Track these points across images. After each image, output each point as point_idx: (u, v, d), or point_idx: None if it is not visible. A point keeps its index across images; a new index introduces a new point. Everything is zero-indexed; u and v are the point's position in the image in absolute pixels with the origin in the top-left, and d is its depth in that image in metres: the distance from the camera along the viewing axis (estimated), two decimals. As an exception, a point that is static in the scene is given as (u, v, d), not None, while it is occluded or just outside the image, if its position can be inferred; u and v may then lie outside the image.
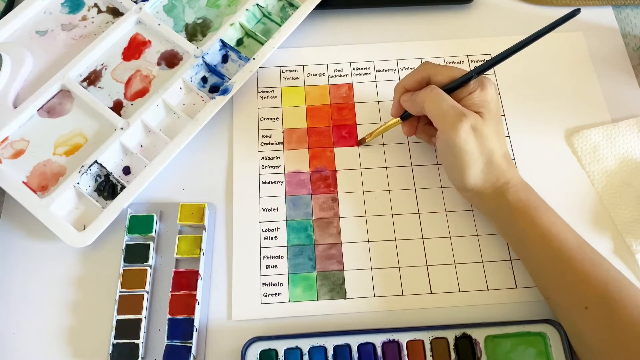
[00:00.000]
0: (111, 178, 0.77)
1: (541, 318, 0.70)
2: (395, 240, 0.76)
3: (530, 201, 0.69)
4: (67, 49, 0.86)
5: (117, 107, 0.82)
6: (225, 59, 0.86)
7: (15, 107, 0.80)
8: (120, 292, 0.71)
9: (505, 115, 0.83)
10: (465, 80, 0.68)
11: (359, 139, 0.82)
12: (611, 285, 0.63)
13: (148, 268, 0.72)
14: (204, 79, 0.85)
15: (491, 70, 0.86)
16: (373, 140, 0.82)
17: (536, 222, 0.68)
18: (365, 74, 0.87)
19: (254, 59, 0.83)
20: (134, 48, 0.86)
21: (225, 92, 0.81)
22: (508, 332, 0.69)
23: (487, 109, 0.68)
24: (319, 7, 0.88)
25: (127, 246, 0.73)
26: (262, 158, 0.81)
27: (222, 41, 0.85)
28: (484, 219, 0.77)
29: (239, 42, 0.88)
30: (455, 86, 0.68)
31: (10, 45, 0.85)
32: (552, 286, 0.68)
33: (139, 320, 0.69)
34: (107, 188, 0.77)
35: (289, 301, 0.73)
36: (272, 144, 0.82)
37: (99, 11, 0.89)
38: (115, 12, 0.88)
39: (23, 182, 0.77)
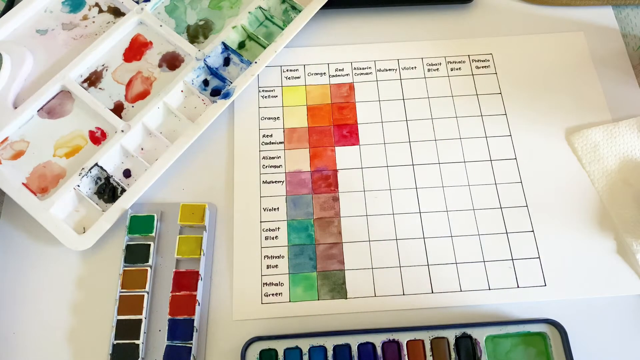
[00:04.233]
0: (111, 181, 0.77)
1: (542, 318, 0.70)
2: (397, 239, 0.76)
3: None
4: (67, 48, 0.86)
5: (118, 109, 0.82)
6: (226, 62, 0.86)
7: (15, 108, 0.80)
8: (121, 292, 0.70)
9: (506, 115, 0.84)
10: None
11: None
12: None
13: (148, 268, 0.72)
14: (206, 82, 0.84)
15: (492, 70, 0.87)
16: (374, 139, 0.82)
17: None
18: (367, 74, 0.87)
19: (255, 62, 0.83)
20: (135, 49, 0.86)
21: (226, 96, 0.81)
22: (508, 332, 0.69)
23: None
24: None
25: (128, 246, 0.73)
26: (263, 157, 0.81)
27: (224, 44, 0.85)
28: (486, 219, 0.77)
29: (241, 45, 0.88)
30: None
31: (10, 44, 0.85)
32: None
33: (139, 321, 0.69)
34: (108, 191, 0.77)
35: (290, 301, 0.73)
36: (272, 143, 0.82)
37: (100, 11, 0.89)
38: (117, 12, 0.88)
39: (23, 183, 0.76)
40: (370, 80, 0.86)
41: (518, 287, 0.73)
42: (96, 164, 0.76)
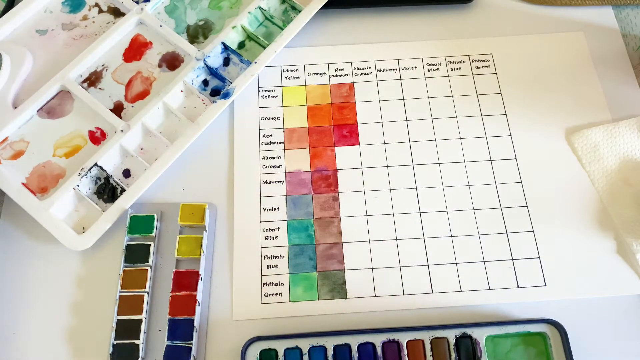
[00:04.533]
0: (111, 181, 0.77)
1: (542, 318, 0.70)
2: (397, 239, 0.76)
3: None
4: (67, 48, 0.86)
5: (118, 109, 0.82)
6: (226, 62, 0.86)
7: (15, 108, 0.80)
8: (121, 292, 0.70)
9: (506, 115, 0.84)
10: None
11: None
12: None
13: (148, 268, 0.72)
14: (205, 82, 0.84)
15: (492, 69, 0.87)
16: (374, 139, 0.82)
17: None
18: (367, 74, 0.87)
19: (255, 62, 0.83)
20: (135, 49, 0.86)
21: (226, 96, 0.81)
22: (508, 332, 0.69)
23: None
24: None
25: (128, 246, 0.73)
26: (263, 157, 0.81)
27: (223, 44, 0.84)
28: (486, 219, 0.77)
29: (241, 45, 0.88)
30: None
31: (10, 44, 0.85)
32: None
33: (139, 321, 0.69)
34: (107, 191, 0.77)
35: (290, 301, 0.73)
36: (272, 143, 0.82)
37: (100, 11, 0.89)
38: (117, 12, 0.88)
39: (22, 183, 0.76)
40: (370, 80, 0.86)
41: (518, 287, 0.73)
42: (96, 164, 0.76)
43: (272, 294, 0.73)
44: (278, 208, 0.78)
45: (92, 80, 0.83)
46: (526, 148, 0.81)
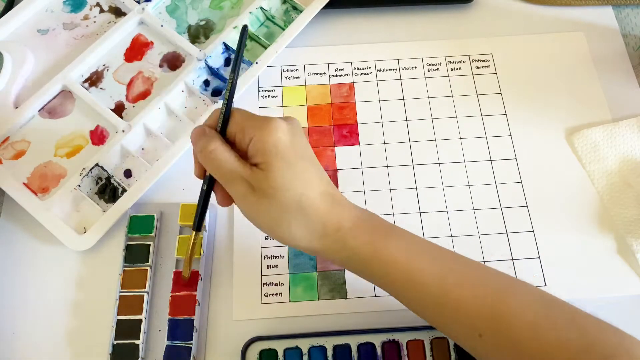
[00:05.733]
0: (112, 181, 0.77)
1: (542, 318, 0.70)
2: (396, 239, 0.76)
3: (376, 241, 0.58)
4: (68, 48, 0.86)
5: (119, 109, 0.82)
6: (227, 62, 0.86)
7: (17, 107, 0.80)
8: (121, 292, 0.71)
9: (506, 115, 0.84)
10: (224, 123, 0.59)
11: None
12: (496, 302, 0.55)
13: (148, 268, 0.72)
14: (206, 82, 0.85)
15: (492, 69, 0.87)
16: (374, 139, 0.82)
17: (391, 265, 0.58)
18: (367, 74, 0.87)
19: (257, 63, 0.83)
20: (137, 49, 0.86)
21: (227, 96, 0.81)
22: (509, 332, 0.69)
23: (269, 156, 0.55)
24: (320, 7, 0.88)
25: (128, 246, 0.73)
26: (263, 157, 0.80)
27: (225, 44, 0.85)
28: (486, 219, 0.77)
29: (242, 44, 0.88)
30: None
31: (11, 43, 0.85)
32: (438, 323, 0.60)
33: (139, 321, 0.69)
34: (108, 191, 0.77)
35: (290, 301, 0.73)
36: (272, 143, 0.81)
37: (101, 10, 0.89)
38: (118, 12, 0.89)
39: (24, 183, 0.77)
40: (370, 80, 0.86)
41: (518, 287, 0.73)
42: (97, 164, 0.76)
43: (272, 294, 0.73)
44: (278, 208, 0.77)
45: (94, 80, 0.84)
46: (526, 148, 0.81)
